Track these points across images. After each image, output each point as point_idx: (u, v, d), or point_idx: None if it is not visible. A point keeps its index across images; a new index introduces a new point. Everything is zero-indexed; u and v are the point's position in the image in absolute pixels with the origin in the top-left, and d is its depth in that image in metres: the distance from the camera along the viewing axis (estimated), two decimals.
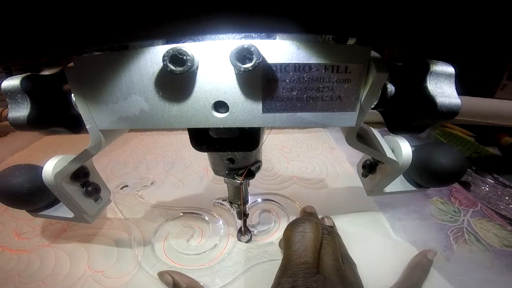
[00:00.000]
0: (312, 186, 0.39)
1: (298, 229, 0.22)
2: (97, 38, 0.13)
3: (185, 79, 0.14)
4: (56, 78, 0.17)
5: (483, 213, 0.34)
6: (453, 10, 0.11)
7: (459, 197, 0.37)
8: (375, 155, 0.22)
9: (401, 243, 0.29)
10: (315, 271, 0.19)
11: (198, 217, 0.33)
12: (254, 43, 0.13)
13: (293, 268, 0.20)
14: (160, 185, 0.40)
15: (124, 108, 0.16)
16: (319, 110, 0.16)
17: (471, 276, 0.26)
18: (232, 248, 0.29)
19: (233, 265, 0.27)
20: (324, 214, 0.31)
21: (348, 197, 0.36)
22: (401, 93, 0.17)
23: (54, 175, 0.20)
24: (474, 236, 0.30)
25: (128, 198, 0.37)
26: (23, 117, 0.15)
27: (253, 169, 0.24)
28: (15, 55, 0.14)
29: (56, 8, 0.11)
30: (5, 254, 0.29)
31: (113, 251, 0.29)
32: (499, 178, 0.42)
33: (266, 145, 0.52)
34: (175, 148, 0.51)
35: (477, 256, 0.28)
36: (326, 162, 0.46)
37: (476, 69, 0.61)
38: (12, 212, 0.35)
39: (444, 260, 0.27)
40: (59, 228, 0.32)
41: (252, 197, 0.36)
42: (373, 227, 0.31)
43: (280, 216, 0.33)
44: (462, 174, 0.24)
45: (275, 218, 0.33)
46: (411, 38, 0.13)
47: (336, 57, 0.14)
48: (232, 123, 0.16)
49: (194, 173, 0.43)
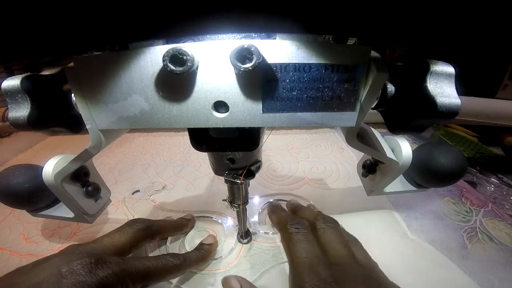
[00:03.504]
0: (324, 186, 0.39)
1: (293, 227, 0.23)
2: (98, 38, 0.13)
3: (185, 79, 0.14)
4: (56, 78, 0.17)
5: (494, 213, 0.34)
6: (453, 10, 0.11)
7: (470, 197, 0.37)
8: (375, 155, 0.22)
9: (418, 242, 0.29)
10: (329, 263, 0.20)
11: (211, 220, 0.33)
12: (254, 43, 0.13)
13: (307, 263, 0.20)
14: (171, 189, 0.40)
15: (124, 108, 0.16)
16: (319, 110, 0.16)
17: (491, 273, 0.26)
18: (248, 251, 0.28)
19: (250, 268, 0.27)
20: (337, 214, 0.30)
21: (361, 197, 0.36)
22: (401, 93, 0.17)
23: (54, 175, 0.20)
24: (487, 235, 0.31)
25: (141, 203, 0.37)
26: (23, 117, 0.15)
27: (253, 169, 0.24)
28: (17, 55, 0.14)
29: (57, 8, 0.11)
30: (14, 258, 0.29)
31: None
32: (503, 178, 0.42)
33: (275, 146, 0.52)
34: (183, 150, 0.51)
35: (492, 254, 0.28)
36: (336, 162, 0.46)
37: (477, 69, 0.61)
38: (19, 215, 0.34)
39: (461, 259, 0.27)
40: (69, 232, 0.31)
41: (263, 198, 0.36)
42: (388, 226, 0.31)
43: None
44: (462, 174, 0.24)
45: None
46: (412, 38, 0.13)
47: (336, 57, 0.14)
48: (232, 123, 0.16)
49: (204, 175, 0.43)
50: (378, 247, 0.28)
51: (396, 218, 0.32)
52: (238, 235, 0.30)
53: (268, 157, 0.47)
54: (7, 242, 0.31)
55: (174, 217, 0.33)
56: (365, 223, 0.32)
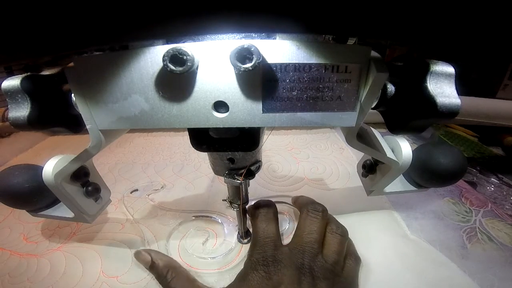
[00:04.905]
0: (324, 187, 0.39)
1: (260, 210, 0.26)
2: (98, 38, 0.13)
3: (185, 79, 0.14)
4: (56, 78, 0.17)
5: (493, 213, 0.34)
6: (453, 9, 0.11)
7: (470, 197, 0.37)
8: (375, 155, 0.22)
9: (418, 242, 0.29)
10: (280, 244, 0.23)
11: (211, 220, 0.33)
12: (254, 43, 0.13)
13: (261, 242, 0.23)
14: (171, 188, 0.40)
15: (124, 108, 0.16)
16: (319, 110, 0.16)
17: (491, 273, 0.26)
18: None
19: None
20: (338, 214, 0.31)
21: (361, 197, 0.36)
22: (401, 93, 0.17)
23: (54, 175, 0.20)
24: (487, 235, 0.31)
25: (139, 202, 0.37)
26: (23, 117, 0.15)
27: (253, 169, 0.24)
28: (17, 55, 0.14)
29: (57, 8, 0.11)
30: (14, 258, 0.29)
31: (127, 256, 0.28)
32: (504, 178, 0.42)
33: (275, 146, 0.52)
34: (183, 150, 0.51)
35: (491, 254, 0.28)
36: (336, 162, 0.46)
37: (477, 69, 0.61)
38: (19, 215, 0.34)
39: (461, 259, 0.27)
40: (68, 232, 0.31)
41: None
42: (388, 226, 0.31)
43: (294, 217, 0.33)
44: (462, 174, 0.24)
45: (289, 220, 0.32)
46: (412, 38, 0.13)
47: (336, 57, 0.14)
48: (232, 123, 0.16)
49: (204, 175, 0.43)
50: (378, 247, 0.28)
51: (396, 218, 0.32)
52: (238, 235, 0.30)
53: (268, 158, 0.47)
54: (7, 242, 0.31)
55: (174, 216, 0.33)
56: (365, 223, 0.32)
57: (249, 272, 0.22)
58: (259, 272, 0.21)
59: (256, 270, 0.21)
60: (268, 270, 0.21)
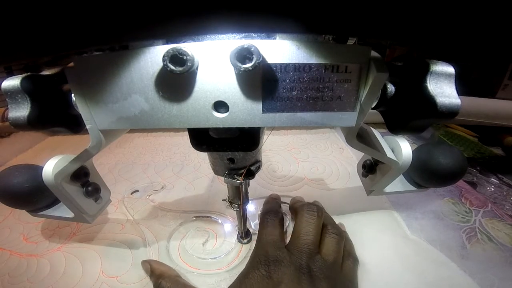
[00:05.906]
0: (324, 187, 0.39)
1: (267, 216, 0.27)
2: (98, 38, 0.13)
3: (185, 79, 0.14)
4: (56, 78, 0.17)
5: (493, 213, 0.34)
6: (453, 9, 0.11)
7: (470, 197, 0.37)
8: (375, 155, 0.22)
9: (418, 242, 0.29)
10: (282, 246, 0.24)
11: (211, 220, 0.33)
12: (254, 43, 0.13)
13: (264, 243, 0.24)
14: (171, 189, 0.40)
15: (124, 108, 0.16)
16: (319, 110, 0.16)
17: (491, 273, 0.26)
18: (248, 251, 0.28)
19: None
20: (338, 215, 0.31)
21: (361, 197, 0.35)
22: (401, 93, 0.17)
23: (54, 175, 0.20)
24: (487, 235, 0.31)
25: (140, 202, 0.37)
26: (23, 117, 0.15)
27: (253, 169, 0.24)
28: (17, 55, 0.14)
29: (57, 8, 0.11)
30: (14, 258, 0.29)
31: (127, 257, 0.28)
32: (504, 179, 0.42)
33: (275, 146, 0.52)
34: (183, 150, 0.51)
35: (491, 254, 0.28)
36: (336, 162, 0.46)
37: (478, 69, 0.61)
38: (19, 215, 0.34)
39: (461, 259, 0.27)
40: (68, 232, 0.31)
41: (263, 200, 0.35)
42: (388, 226, 0.31)
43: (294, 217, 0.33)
44: (462, 174, 0.24)
45: (290, 220, 0.32)
46: (412, 38, 0.13)
47: (336, 57, 0.14)
48: (232, 123, 0.16)
49: (204, 175, 0.43)
50: (378, 247, 0.28)
51: (396, 218, 0.32)
52: (238, 235, 0.30)
53: (268, 158, 0.47)
54: (7, 242, 0.31)
55: (174, 217, 0.33)
56: (365, 223, 0.32)
57: (250, 270, 0.22)
58: (260, 271, 0.22)
59: (257, 269, 0.22)
60: (268, 269, 0.21)
